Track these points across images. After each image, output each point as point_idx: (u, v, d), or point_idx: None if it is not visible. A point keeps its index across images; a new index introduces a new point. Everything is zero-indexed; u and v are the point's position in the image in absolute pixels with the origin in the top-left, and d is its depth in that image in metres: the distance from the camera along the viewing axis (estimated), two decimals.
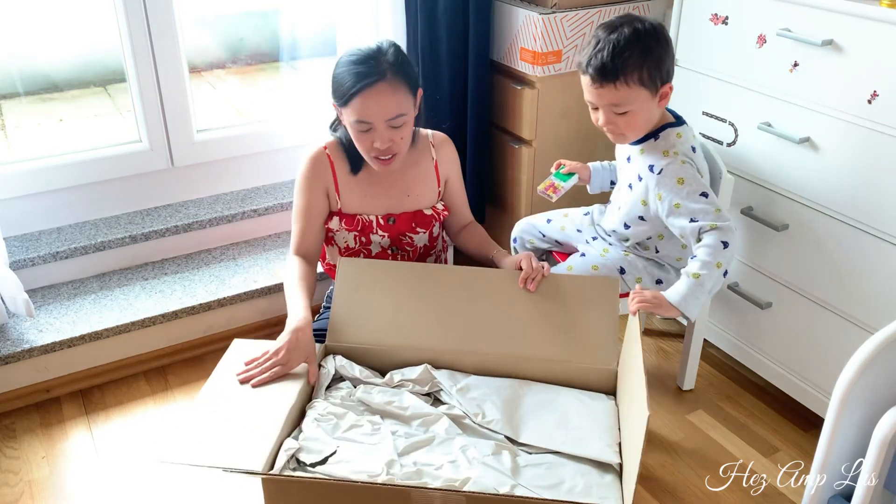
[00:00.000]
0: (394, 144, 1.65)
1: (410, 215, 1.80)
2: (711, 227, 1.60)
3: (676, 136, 1.68)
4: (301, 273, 1.70)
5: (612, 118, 1.63)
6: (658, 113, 1.68)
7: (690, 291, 1.60)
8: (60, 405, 2.08)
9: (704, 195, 1.62)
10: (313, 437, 1.40)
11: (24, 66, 2.33)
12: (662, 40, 1.61)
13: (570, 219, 2.00)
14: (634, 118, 1.63)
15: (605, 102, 1.61)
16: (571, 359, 1.59)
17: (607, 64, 1.56)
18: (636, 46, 1.56)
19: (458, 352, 1.60)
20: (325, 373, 1.56)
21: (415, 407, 1.50)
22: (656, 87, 1.61)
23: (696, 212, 1.62)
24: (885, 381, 1.28)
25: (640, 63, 1.57)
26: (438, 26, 2.30)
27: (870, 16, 1.56)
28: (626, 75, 1.57)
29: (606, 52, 1.56)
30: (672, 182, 1.63)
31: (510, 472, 1.37)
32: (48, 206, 2.29)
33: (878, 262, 1.67)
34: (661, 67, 1.60)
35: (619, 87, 1.58)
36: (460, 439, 1.44)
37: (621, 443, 1.45)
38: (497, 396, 1.54)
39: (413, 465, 1.36)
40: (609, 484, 1.38)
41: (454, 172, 1.88)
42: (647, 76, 1.58)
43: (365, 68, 1.59)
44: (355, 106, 1.60)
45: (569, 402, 1.54)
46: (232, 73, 2.73)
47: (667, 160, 1.64)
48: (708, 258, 1.59)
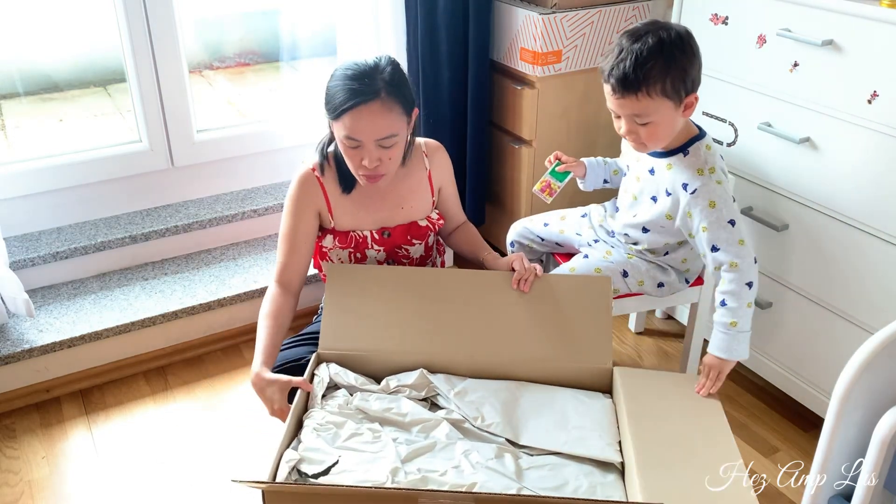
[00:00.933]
0: (381, 165, 1.60)
1: (405, 227, 1.77)
2: (732, 267, 1.59)
3: (706, 150, 1.65)
4: (273, 310, 1.65)
5: (634, 128, 1.59)
6: (682, 123, 1.63)
7: (734, 339, 1.60)
8: (60, 405, 2.08)
9: (732, 223, 1.61)
10: (314, 448, 1.39)
11: (24, 66, 2.34)
12: (688, 49, 1.55)
13: (568, 222, 1.99)
14: (656, 129, 1.59)
15: (627, 112, 1.58)
16: (566, 359, 1.59)
17: (629, 74, 1.52)
18: (660, 56, 1.52)
19: (452, 355, 1.60)
20: (319, 381, 1.54)
21: (413, 413, 1.49)
22: (680, 98, 1.56)
23: (721, 240, 1.61)
24: (885, 381, 1.28)
25: (664, 74, 1.52)
26: (438, 26, 2.30)
27: (870, 16, 1.56)
28: (648, 86, 1.53)
29: (629, 61, 1.52)
30: (704, 203, 1.61)
31: (514, 475, 1.37)
32: (48, 206, 2.29)
33: (878, 262, 1.67)
34: (686, 78, 1.55)
35: (641, 98, 1.54)
36: (462, 444, 1.43)
37: (621, 441, 1.45)
38: (495, 399, 1.53)
39: (417, 471, 1.36)
40: (612, 483, 1.38)
41: (448, 181, 1.84)
42: (671, 87, 1.54)
43: (359, 85, 1.54)
44: (346, 122, 1.55)
45: (567, 402, 1.54)
46: (232, 73, 2.73)
47: (701, 180, 1.61)
48: (736, 304, 1.59)
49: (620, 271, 1.82)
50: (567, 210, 2.03)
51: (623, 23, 2.32)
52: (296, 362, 1.63)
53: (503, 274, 1.65)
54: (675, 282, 1.86)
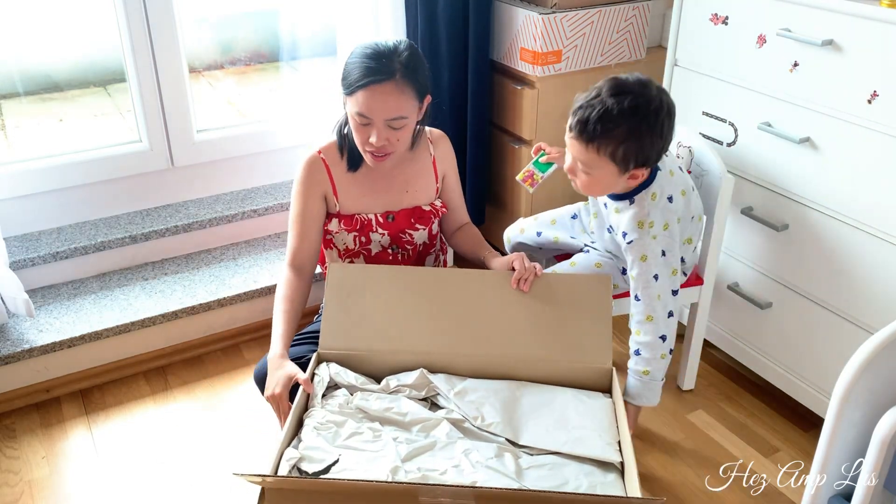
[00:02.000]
0: (389, 144, 1.65)
1: (409, 211, 1.80)
2: (647, 319, 1.66)
3: (651, 200, 1.63)
4: (288, 293, 1.70)
5: (576, 169, 1.60)
6: (622, 186, 1.62)
7: (646, 386, 1.68)
8: (60, 405, 2.08)
9: (656, 277, 1.64)
10: (314, 446, 1.39)
11: (24, 66, 2.33)
12: (658, 128, 1.52)
13: (561, 225, 1.99)
14: (593, 182, 1.59)
15: (574, 154, 1.57)
16: (566, 358, 1.59)
17: (589, 124, 1.51)
18: (626, 123, 1.49)
19: (452, 355, 1.60)
20: (320, 380, 1.55)
21: (413, 412, 1.49)
22: (626, 168, 1.55)
23: (641, 292, 1.66)
24: (885, 381, 1.28)
25: (620, 140, 1.51)
26: (438, 26, 2.31)
27: (870, 16, 1.56)
28: (599, 143, 1.52)
29: (596, 112, 1.50)
30: (637, 255, 1.64)
31: (514, 475, 1.37)
32: (48, 206, 2.29)
33: (878, 262, 1.67)
34: (640, 153, 1.53)
35: (590, 150, 1.53)
36: (462, 443, 1.43)
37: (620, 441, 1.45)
38: (495, 399, 1.53)
39: (417, 470, 1.36)
40: (612, 482, 1.39)
41: (451, 169, 1.88)
42: (621, 155, 1.52)
43: (376, 64, 1.58)
44: (358, 99, 1.60)
45: (567, 402, 1.54)
46: (231, 73, 2.73)
47: (639, 233, 1.63)
48: (649, 355, 1.66)
49: (619, 268, 1.82)
50: (556, 212, 2.01)
51: (623, 23, 2.32)
52: (296, 361, 1.64)
53: (503, 274, 1.66)
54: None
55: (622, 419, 1.48)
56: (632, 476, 1.34)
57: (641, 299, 1.67)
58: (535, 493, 1.27)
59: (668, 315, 1.67)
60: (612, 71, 2.36)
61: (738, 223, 1.96)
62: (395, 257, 1.84)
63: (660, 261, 1.65)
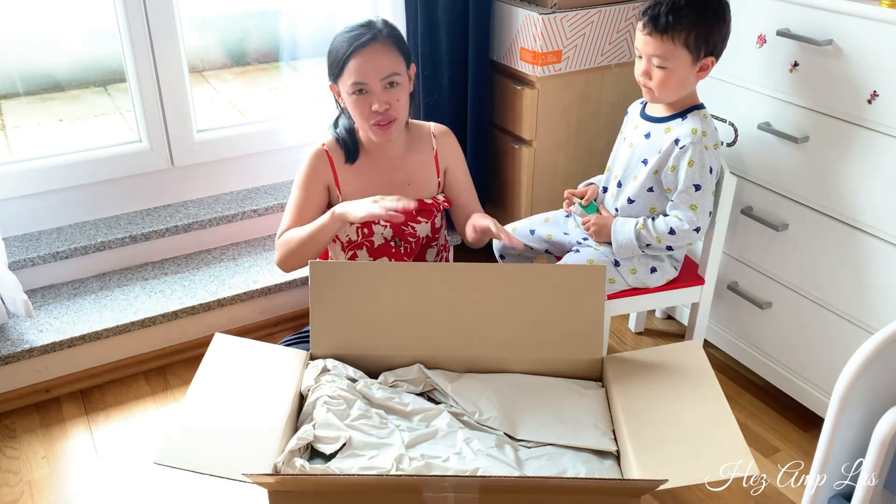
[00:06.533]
0: (391, 108, 1.69)
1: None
2: (675, 217, 1.76)
3: (703, 118, 1.76)
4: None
5: (650, 69, 1.71)
6: (693, 83, 1.75)
7: (630, 232, 1.79)
8: (60, 405, 2.08)
9: (697, 187, 1.74)
10: (326, 423, 1.41)
11: (24, 66, 2.33)
12: (721, 14, 1.68)
13: (554, 223, 1.99)
14: (669, 76, 1.70)
15: (649, 51, 1.69)
16: (560, 350, 1.59)
17: (661, 16, 1.65)
18: (692, 10, 1.64)
19: (446, 349, 1.59)
20: (313, 366, 1.56)
21: (415, 402, 1.52)
22: (699, 56, 1.69)
23: (681, 196, 1.75)
24: (885, 381, 1.28)
25: (691, 27, 1.65)
26: (438, 26, 2.31)
27: (870, 16, 1.56)
28: (673, 32, 1.65)
29: (665, 6, 1.65)
30: (685, 160, 1.73)
31: (515, 464, 1.39)
32: (48, 206, 2.29)
33: (878, 262, 1.67)
34: (709, 39, 1.67)
35: (665, 42, 1.67)
36: (462, 433, 1.46)
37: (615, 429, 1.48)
38: (492, 393, 1.54)
39: (421, 457, 1.38)
40: (609, 468, 1.42)
41: (456, 164, 1.88)
42: (694, 41, 1.66)
43: (358, 32, 1.68)
44: (350, 69, 1.65)
45: (562, 394, 1.56)
46: (232, 73, 2.73)
47: (692, 139, 1.73)
48: (657, 232, 1.77)
49: (612, 262, 1.83)
50: (551, 212, 2.02)
51: (623, 23, 2.32)
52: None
53: (494, 267, 1.63)
54: (667, 266, 1.88)
55: (615, 407, 1.51)
56: (629, 463, 1.37)
57: (677, 203, 1.75)
58: (540, 480, 1.27)
59: (695, 230, 1.75)
60: (612, 71, 2.36)
61: (738, 223, 1.97)
62: (398, 250, 1.84)
63: (707, 176, 1.73)
